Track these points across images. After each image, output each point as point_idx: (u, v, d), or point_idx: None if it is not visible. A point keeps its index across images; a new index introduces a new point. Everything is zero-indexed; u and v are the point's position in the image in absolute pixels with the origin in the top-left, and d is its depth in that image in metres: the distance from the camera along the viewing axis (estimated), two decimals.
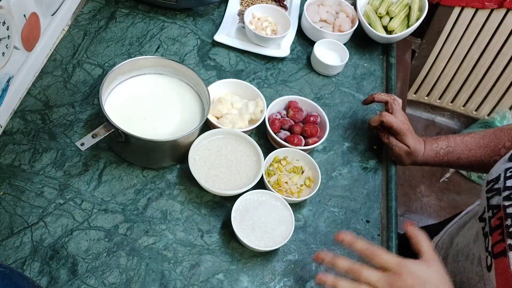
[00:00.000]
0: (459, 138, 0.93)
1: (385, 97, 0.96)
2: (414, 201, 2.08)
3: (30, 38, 0.87)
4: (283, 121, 0.94)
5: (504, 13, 1.78)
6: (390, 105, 0.94)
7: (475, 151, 0.91)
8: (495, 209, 0.64)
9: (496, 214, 0.63)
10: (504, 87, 2.05)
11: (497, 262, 0.60)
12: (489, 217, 0.65)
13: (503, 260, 0.58)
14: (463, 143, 0.92)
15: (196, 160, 0.86)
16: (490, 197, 0.66)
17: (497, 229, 0.62)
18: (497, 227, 0.62)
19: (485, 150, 0.89)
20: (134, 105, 0.89)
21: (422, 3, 1.18)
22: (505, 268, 0.58)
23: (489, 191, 0.67)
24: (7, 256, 0.75)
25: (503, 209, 0.62)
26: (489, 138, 0.90)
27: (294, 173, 0.89)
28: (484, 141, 0.90)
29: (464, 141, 0.92)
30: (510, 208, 0.61)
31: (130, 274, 0.76)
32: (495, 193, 0.65)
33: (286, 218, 0.82)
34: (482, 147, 0.90)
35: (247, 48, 1.08)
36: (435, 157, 0.94)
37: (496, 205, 0.64)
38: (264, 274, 0.80)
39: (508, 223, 0.60)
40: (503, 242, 0.59)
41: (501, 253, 0.59)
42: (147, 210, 0.83)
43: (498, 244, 0.60)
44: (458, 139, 0.93)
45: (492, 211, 0.65)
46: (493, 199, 0.65)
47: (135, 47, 1.04)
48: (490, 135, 0.91)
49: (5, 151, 0.85)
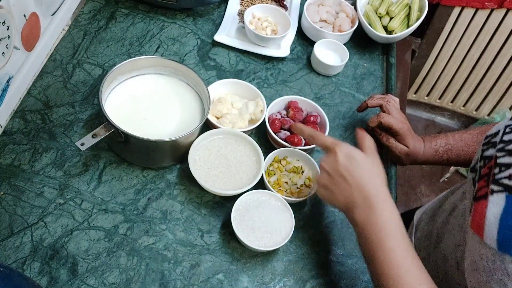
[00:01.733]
0: (457, 135, 0.94)
1: (378, 101, 0.96)
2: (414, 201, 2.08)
3: (30, 38, 0.87)
4: (283, 121, 0.94)
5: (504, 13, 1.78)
6: (385, 107, 0.94)
7: (474, 147, 0.91)
8: (487, 159, 0.66)
9: (487, 163, 0.65)
10: (504, 87, 2.05)
11: (476, 205, 0.62)
12: (480, 167, 0.67)
13: (482, 202, 0.60)
14: (462, 140, 0.93)
15: (196, 160, 0.86)
16: (485, 149, 0.68)
17: (484, 176, 0.64)
18: (485, 175, 0.64)
19: None
20: (134, 105, 0.89)
21: (422, 3, 1.18)
22: (482, 209, 0.60)
23: (485, 144, 0.69)
24: (7, 256, 0.75)
25: (494, 159, 0.64)
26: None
27: (294, 173, 0.89)
28: (482, 136, 0.91)
29: (463, 138, 0.93)
30: (501, 158, 0.63)
31: (130, 274, 0.76)
32: (490, 146, 0.67)
33: (286, 218, 0.82)
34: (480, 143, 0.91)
35: (247, 48, 1.08)
36: (434, 155, 0.94)
37: (489, 156, 0.66)
38: (264, 274, 0.80)
39: (495, 171, 0.62)
40: (486, 187, 0.62)
41: (482, 196, 0.61)
42: (147, 210, 0.83)
43: (481, 189, 0.63)
44: (456, 136, 0.94)
45: (484, 161, 0.66)
46: (487, 151, 0.67)
47: (135, 47, 1.04)
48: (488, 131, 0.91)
49: (5, 151, 0.85)
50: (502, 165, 0.62)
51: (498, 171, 0.61)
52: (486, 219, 0.58)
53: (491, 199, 0.59)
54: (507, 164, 0.61)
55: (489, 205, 0.59)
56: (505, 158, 0.62)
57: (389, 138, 0.94)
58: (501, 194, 0.58)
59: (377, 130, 0.96)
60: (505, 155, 0.62)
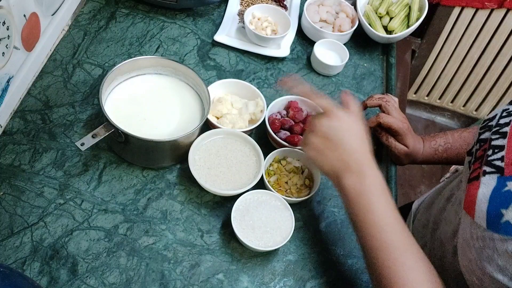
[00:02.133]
0: (457, 133, 0.94)
1: (377, 101, 0.95)
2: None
3: (30, 38, 0.87)
4: (283, 121, 0.94)
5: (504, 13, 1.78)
6: (384, 107, 0.94)
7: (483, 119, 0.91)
8: (483, 142, 0.67)
9: (482, 146, 0.66)
10: (504, 87, 2.05)
11: (469, 186, 0.62)
12: (476, 150, 0.68)
13: (474, 183, 0.61)
14: (461, 138, 0.93)
15: (196, 160, 0.86)
16: (481, 132, 0.69)
17: (479, 159, 0.65)
18: (479, 158, 0.65)
19: None
20: (134, 105, 0.89)
21: (422, 3, 1.18)
22: (474, 190, 0.60)
23: (482, 128, 0.70)
24: (7, 256, 0.75)
25: (489, 141, 0.65)
26: None
27: (294, 173, 0.89)
28: None
29: (462, 136, 0.93)
30: (495, 140, 0.63)
31: (130, 274, 0.76)
32: (486, 129, 0.68)
33: (286, 218, 0.82)
34: None
35: (247, 48, 1.08)
36: (434, 155, 0.94)
37: (484, 139, 0.67)
38: (264, 274, 0.80)
39: (489, 153, 0.63)
40: (479, 169, 0.62)
41: (474, 178, 0.62)
42: (147, 210, 0.83)
43: (475, 171, 0.63)
44: (456, 135, 0.94)
45: (480, 144, 0.67)
46: (483, 134, 0.68)
47: (135, 47, 1.04)
48: None
49: (5, 151, 0.85)
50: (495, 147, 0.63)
51: (491, 153, 0.62)
52: (477, 199, 0.59)
53: (483, 180, 0.60)
54: (500, 146, 0.62)
55: (481, 186, 0.60)
56: (499, 140, 0.63)
57: (389, 137, 0.94)
58: (493, 175, 0.59)
59: (377, 129, 0.96)
60: (499, 137, 0.63)
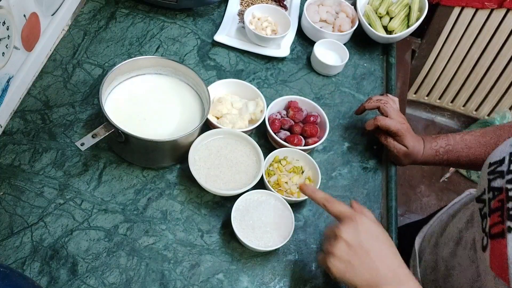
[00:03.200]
0: (458, 136, 0.93)
1: (375, 103, 0.95)
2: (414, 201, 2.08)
3: (30, 38, 0.87)
4: (283, 121, 0.94)
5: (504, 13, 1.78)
6: (382, 109, 0.93)
7: (475, 149, 0.90)
8: (497, 191, 0.63)
9: (497, 196, 0.62)
10: (504, 87, 2.05)
11: (493, 243, 0.59)
12: (489, 199, 0.64)
13: (500, 241, 0.58)
14: (462, 141, 0.92)
15: (196, 160, 0.86)
16: (492, 179, 0.65)
17: (497, 211, 0.61)
18: (497, 209, 0.61)
19: (485, 148, 0.89)
20: (134, 105, 0.89)
21: (422, 3, 1.18)
22: (501, 249, 0.57)
23: (491, 173, 0.66)
24: (7, 256, 0.75)
25: (505, 191, 0.61)
26: (489, 136, 0.90)
27: (294, 173, 0.89)
28: (484, 139, 0.90)
29: (464, 139, 0.92)
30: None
31: (130, 274, 0.76)
32: (497, 175, 0.64)
33: (286, 218, 0.82)
34: (482, 145, 0.89)
35: (247, 48, 1.08)
36: (434, 156, 0.93)
37: (498, 188, 0.63)
38: (264, 274, 0.80)
39: (509, 205, 0.59)
40: (501, 224, 0.59)
41: (498, 234, 0.59)
42: (147, 210, 0.83)
43: (496, 226, 0.60)
44: (457, 138, 0.93)
45: (493, 193, 0.64)
46: (495, 181, 0.64)
47: (135, 47, 1.04)
48: (490, 133, 0.90)
49: (5, 151, 0.85)
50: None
51: None
52: (509, 261, 0.56)
53: (510, 237, 0.57)
54: None
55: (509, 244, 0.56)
56: None
57: (387, 138, 0.94)
58: None
59: (377, 131, 0.95)
60: None
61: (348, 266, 0.65)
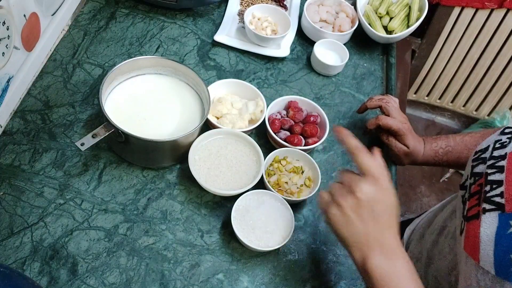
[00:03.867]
0: (458, 137, 0.93)
1: (377, 102, 0.95)
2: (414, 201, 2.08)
3: (30, 38, 0.87)
4: (283, 121, 0.94)
5: (504, 13, 1.78)
6: (384, 108, 0.94)
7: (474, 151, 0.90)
8: (477, 176, 0.63)
9: (477, 180, 0.63)
10: (504, 87, 2.05)
11: (468, 225, 0.59)
12: (470, 184, 0.64)
13: (474, 222, 0.58)
14: (462, 143, 0.92)
15: (196, 160, 0.86)
16: (475, 165, 0.66)
17: (475, 194, 0.61)
18: (475, 193, 0.62)
19: None
20: (134, 105, 0.89)
21: (422, 3, 1.18)
22: (475, 230, 0.57)
23: (475, 160, 0.67)
24: (7, 256, 0.75)
25: (484, 176, 0.61)
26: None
27: (294, 173, 0.89)
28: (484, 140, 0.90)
29: (464, 140, 0.92)
30: (492, 175, 0.60)
31: (130, 274, 0.76)
32: (480, 161, 0.65)
33: (286, 218, 0.82)
34: None
35: (247, 48, 1.08)
36: (434, 157, 0.94)
37: (479, 173, 0.63)
38: (264, 274, 0.80)
39: (487, 189, 0.59)
40: (478, 206, 0.59)
41: (474, 216, 0.59)
42: (147, 210, 0.83)
43: (473, 208, 0.60)
44: (457, 139, 0.93)
45: (474, 178, 0.64)
46: (477, 167, 0.65)
47: (135, 47, 1.04)
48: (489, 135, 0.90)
49: (5, 151, 0.85)
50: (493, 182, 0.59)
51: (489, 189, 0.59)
52: (480, 241, 0.56)
53: (484, 218, 0.57)
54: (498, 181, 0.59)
55: (482, 225, 0.56)
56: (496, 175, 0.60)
57: (389, 137, 0.94)
58: (494, 212, 0.56)
59: (378, 129, 0.96)
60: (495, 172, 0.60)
61: (348, 222, 0.63)
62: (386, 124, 0.92)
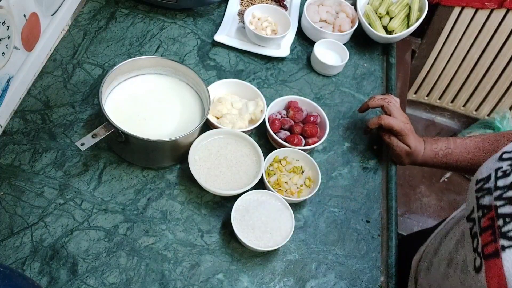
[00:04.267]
0: (459, 140, 0.93)
1: (379, 102, 0.95)
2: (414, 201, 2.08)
3: (30, 38, 0.87)
4: (283, 121, 0.94)
5: (504, 13, 1.78)
6: (386, 108, 0.94)
7: (474, 154, 0.90)
8: (486, 209, 0.62)
9: (487, 214, 0.61)
10: (504, 87, 2.05)
11: (488, 263, 0.58)
12: (479, 217, 0.63)
13: (495, 261, 0.57)
14: (462, 146, 0.92)
15: (196, 160, 0.86)
16: (480, 196, 0.65)
17: (487, 229, 0.60)
18: (487, 228, 0.60)
19: (484, 153, 0.89)
20: (134, 105, 0.89)
21: (422, 3, 1.18)
22: (498, 270, 0.56)
23: (479, 191, 0.65)
24: (7, 256, 0.75)
25: (494, 209, 0.60)
26: (488, 142, 0.90)
27: (294, 173, 0.89)
28: (483, 144, 0.90)
29: (464, 143, 0.92)
30: (501, 208, 0.59)
31: (130, 274, 0.76)
32: (485, 192, 0.64)
33: (286, 218, 0.82)
34: (481, 150, 0.90)
35: (247, 48, 1.08)
36: (433, 158, 0.93)
37: (487, 205, 0.62)
38: (264, 274, 0.80)
39: (500, 223, 0.58)
40: (494, 243, 0.58)
41: (492, 254, 0.58)
42: (147, 210, 0.83)
43: (489, 245, 0.59)
44: (458, 141, 0.92)
45: (482, 211, 0.63)
46: (483, 199, 0.64)
47: (135, 47, 1.04)
48: (490, 139, 0.90)
49: (5, 151, 0.85)
50: (505, 216, 0.58)
51: (502, 223, 0.58)
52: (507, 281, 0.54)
53: (504, 256, 0.56)
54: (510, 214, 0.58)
55: (505, 264, 0.55)
56: (506, 208, 0.58)
57: (391, 136, 0.94)
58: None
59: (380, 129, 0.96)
60: (505, 204, 0.59)
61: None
62: (388, 124, 0.92)
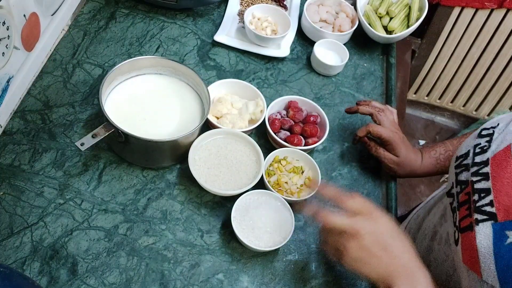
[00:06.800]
0: (456, 141, 0.92)
1: (368, 109, 0.93)
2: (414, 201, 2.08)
3: (30, 38, 0.87)
4: (283, 121, 0.94)
5: (504, 13, 1.78)
6: (376, 117, 0.91)
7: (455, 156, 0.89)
8: (463, 184, 0.64)
9: (464, 189, 0.63)
10: (504, 87, 2.05)
11: (463, 237, 0.60)
12: (457, 192, 0.65)
13: (469, 234, 0.58)
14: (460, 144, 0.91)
15: (196, 160, 0.86)
16: (458, 172, 0.66)
17: (464, 204, 0.62)
18: (464, 202, 0.62)
19: None
20: (134, 105, 0.89)
21: (422, 3, 1.18)
22: (471, 242, 0.57)
23: (457, 167, 0.67)
24: (7, 256, 0.75)
25: (470, 184, 0.62)
26: None
27: (294, 173, 0.89)
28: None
29: (461, 142, 0.91)
30: (477, 183, 0.60)
31: (130, 274, 0.76)
32: (463, 168, 0.65)
33: (286, 218, 0.82)
34: None
35: (247, 48, 1.08)
36: (436, 164, 0.91)
37: (464, 181, 0.64)
38: (264, 274, 0.80)
39: (475, 198, 0.60)
40: (469, 217, 0.59)
41: (467, 227, 0.59)
42: (147, 210, 0.83)
43: (465, 219, 0.61)
44: (455, 142, 0.91)
45: (460, 186, 0.64)
46: (461, 175, 0.65)
47: (135, 47, 1.04)
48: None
49: (5, 151, 0.85)
50: (480, 191, 0.59)
51: (478, 198, 0.59)
52: (479, 254, 0.56)
53: (478, 229, 0.57)
54: (485, 189, 0.59)
55: (477, 237, 0.56)
56: (482, 183, 0.60)
57: (377, 148, 0.92)
58: (487, 223, 0.56)
59: (366, 140, 0.93)
60: (481, 179, 0.60)
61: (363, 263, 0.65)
62: (376, 132, 0.89)
